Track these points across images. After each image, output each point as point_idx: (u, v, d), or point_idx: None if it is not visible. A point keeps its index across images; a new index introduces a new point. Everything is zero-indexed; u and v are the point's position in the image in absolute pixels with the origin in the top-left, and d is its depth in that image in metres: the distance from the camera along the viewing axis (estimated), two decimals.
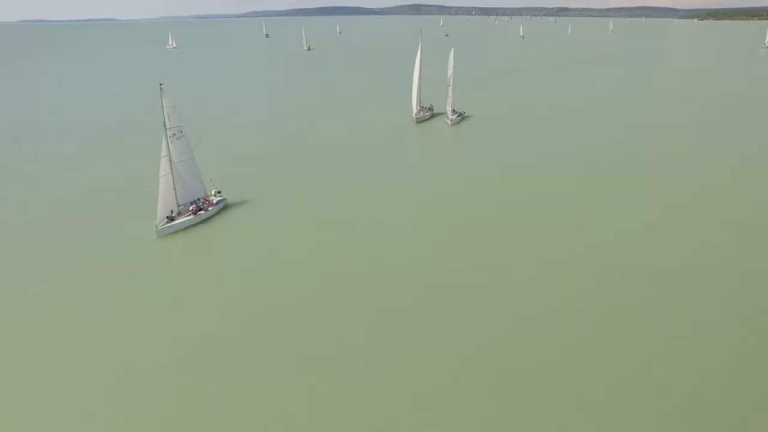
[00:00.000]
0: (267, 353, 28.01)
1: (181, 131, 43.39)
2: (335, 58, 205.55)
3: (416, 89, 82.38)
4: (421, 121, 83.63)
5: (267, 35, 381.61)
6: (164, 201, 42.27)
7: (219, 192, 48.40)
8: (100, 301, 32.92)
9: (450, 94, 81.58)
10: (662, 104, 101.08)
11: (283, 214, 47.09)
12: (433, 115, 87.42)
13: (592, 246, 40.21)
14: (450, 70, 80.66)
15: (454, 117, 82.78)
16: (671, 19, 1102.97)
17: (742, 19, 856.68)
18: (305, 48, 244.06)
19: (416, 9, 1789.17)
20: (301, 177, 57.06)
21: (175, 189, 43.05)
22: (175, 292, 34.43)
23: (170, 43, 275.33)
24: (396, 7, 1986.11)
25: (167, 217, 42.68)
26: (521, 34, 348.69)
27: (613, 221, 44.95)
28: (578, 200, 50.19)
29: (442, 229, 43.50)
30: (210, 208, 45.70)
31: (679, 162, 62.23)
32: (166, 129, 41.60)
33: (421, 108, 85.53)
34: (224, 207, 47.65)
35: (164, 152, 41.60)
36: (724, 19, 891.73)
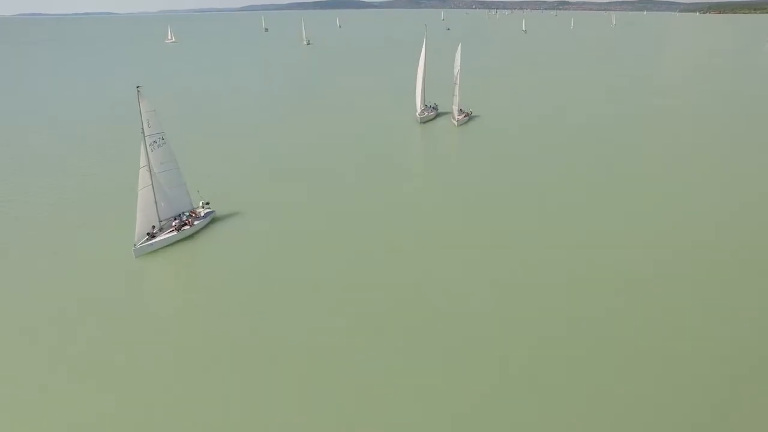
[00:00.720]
0: (261, 383, 24.90)
1: (163, 138, 38.92)
2: (335, 54, 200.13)
3: (420, 87, 77.55)
4: (425, 121, 79.01)
5: (266, 29, 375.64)
6: (144, 216, 37.91)
7: (207, 203, 44.03)
8: (70, 328, 28.84)
9: (457, 92, 76.82)
10: (672, 104, 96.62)
11: (278, 226, 42.73)
12: (438, 115, 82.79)
13: (606, 248, 37.86)
14: (457, 68, 75.77)
15: (460, 117, 78.14)
16: (672, 13, 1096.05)
17: (744, 13, 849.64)
18: (305, 42, 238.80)
19: (416, 3, 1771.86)
20: (299, 183, 52.70)
21: (156, 203, 38.67)
22: (154, 318, 30.43)
23: (169, 37, 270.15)
24: (396, 0, 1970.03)
25: (148, 234, 38.36)
26: (524, 29, 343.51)
27: (631, 225, 41.82)
28: (590, 204, 46.81)
29: (446, 238, 39.71)
30: (196, 222, 41.30)
31: (686, 161, 58.88)
32: (144, 136, 37.13)
33: (426, 107, 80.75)
34: (212, 220, 43.27)
35: (143, 162, 37.14)
36: (726, 13, 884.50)
